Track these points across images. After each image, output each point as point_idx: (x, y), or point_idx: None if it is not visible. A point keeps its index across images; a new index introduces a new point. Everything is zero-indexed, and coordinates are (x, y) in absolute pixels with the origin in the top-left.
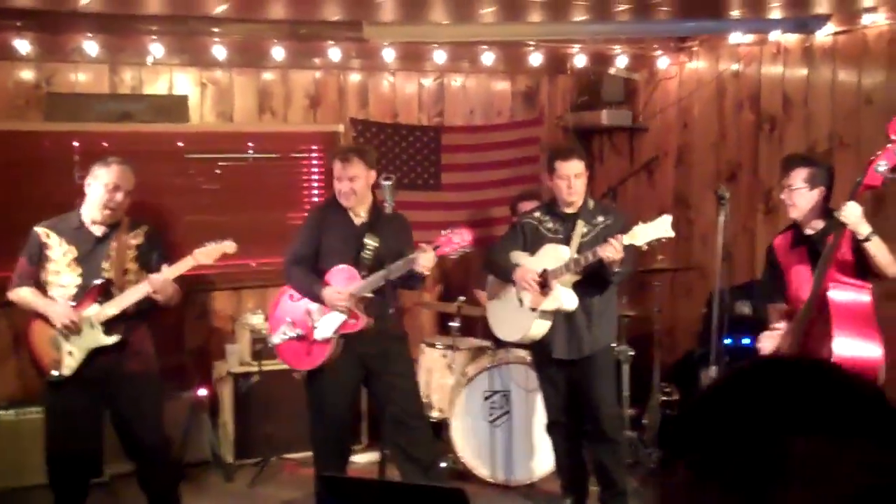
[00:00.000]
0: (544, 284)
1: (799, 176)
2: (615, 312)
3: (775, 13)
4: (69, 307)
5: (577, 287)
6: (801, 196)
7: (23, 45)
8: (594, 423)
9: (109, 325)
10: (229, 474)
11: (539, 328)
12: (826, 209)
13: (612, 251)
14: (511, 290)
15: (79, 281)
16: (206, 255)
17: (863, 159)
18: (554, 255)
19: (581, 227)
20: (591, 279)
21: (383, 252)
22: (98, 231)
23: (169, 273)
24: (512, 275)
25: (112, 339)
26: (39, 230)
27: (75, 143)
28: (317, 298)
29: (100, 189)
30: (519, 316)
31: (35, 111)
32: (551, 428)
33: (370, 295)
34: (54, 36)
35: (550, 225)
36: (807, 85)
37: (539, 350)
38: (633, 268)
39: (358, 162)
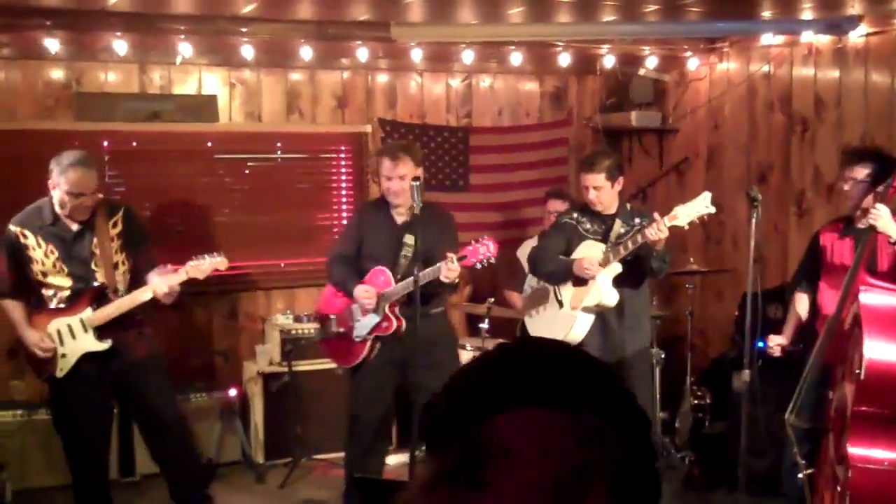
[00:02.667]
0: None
1: (864, 170)
2: (649, 314)
3: (807, 14)
4: (37, 336)
5: (613, 285)
6: (861, 190)
7: (52, 45)
8: None
9: (103, 328)
10: (260, 475)
11: (581, 328)
12: None
13: (655, 230)
14: (549, 292)
15: (69, 283)
16: (198, 269)
17: None
18: (592, 253)
19: (619, 228)
20: (628, 277)
21: (423, 251)
22: (74, 226)
23: (162, 287)
24: (571, 270)
25: (104, 346)
26: (14, 229)
27: (105, 143)
28: (349, 296)
29: (64, 197)
30: (559, 318)
31: (65, 111)
32: None
33: (402, 299)
34: (84, 35)
35: (589, 226)
36: (839, 86)
37: None
38: (670, 265)
39: (407, 160)
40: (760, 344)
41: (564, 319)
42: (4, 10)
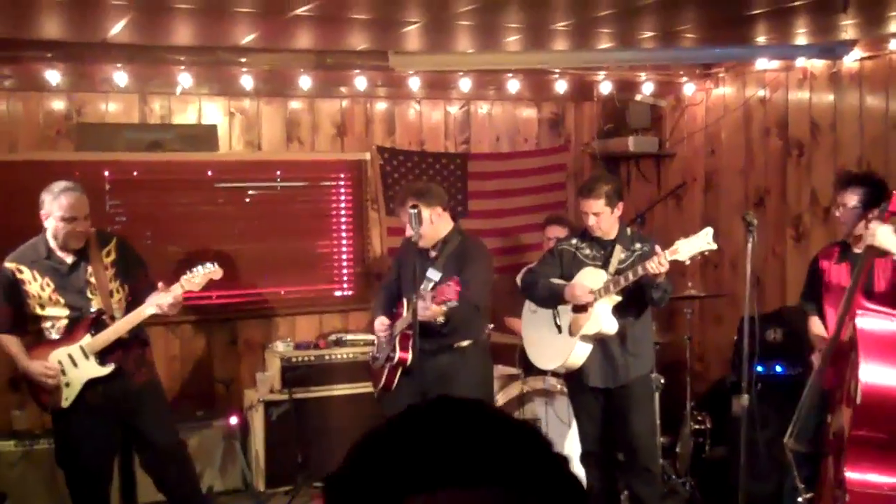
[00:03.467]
0: (585, 307)
1: (855, 196)
2: (651, 340)
3: (801, 39)
4: (41, 365)
5: (613, 313)
6: (854, 216)
7: (53, 76)
8: (631, 453)
9: (104, 353)
10: (261, 503)
11: (579, 354)
12: None
13: (656, 265)
14: (549, 316)
15: (66, 312)
16: (193, 282)
17: (892, 184)
18: (593, 279)
19: (619, 253)
20: (629, 304)
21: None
22: (69, 258)
23: (162, 302)
24: (563, 295)
25: (107, 370)
26: (9, 266)
27: (106, 173)
28: None
29: (57, 224)
30: (558, 342)
31: (66, 141)
32: (586, 458)
33: (409, 331)
34: (84, 66)
35: (588, 251)
36: (834, 110)
37: (574, 378)
38: (671, 292)
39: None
40: (759, 368)
41: (563, 345)
42: (5, 42)
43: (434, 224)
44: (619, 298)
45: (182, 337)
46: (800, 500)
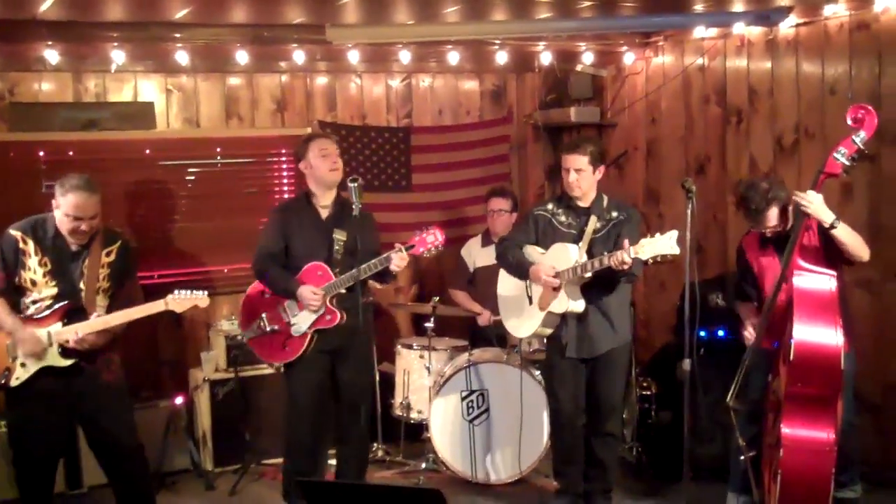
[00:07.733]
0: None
1: (773, 216)
2: (628, 308)
3: (738, 6)
4: (36, 336)
5: (588, 287)
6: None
7: None
8: (597, 418)
9: (70, 347)
10: (209, 482)
11: (546, 329)
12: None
13: (619, 261)
14: (521, 285)
15: (54, 291)
16: (178, 303)
17: (828, 149)
18: (563, 256)
19: (594, 223)
20: (603, 279)
21: (352, 245)
22: (73, 246)
23: (137, 314)
24: (528, 273)
25: (66, 362)
26: (16, 234)
27: (41, 153)
28: (292, 296)
29: (63, 218)
30: (528, 313)
31: None
32: (556, 422)
33: (343, 291)
34: (15, 45)
35: (563, 218)
36: (771, 77)
37: (552, 345)
38: (640, 274)
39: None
40: (702, 333)
41: (532, 315)
42: None
43: None
44: (586, 279)
45: None
46: (742, 458)
